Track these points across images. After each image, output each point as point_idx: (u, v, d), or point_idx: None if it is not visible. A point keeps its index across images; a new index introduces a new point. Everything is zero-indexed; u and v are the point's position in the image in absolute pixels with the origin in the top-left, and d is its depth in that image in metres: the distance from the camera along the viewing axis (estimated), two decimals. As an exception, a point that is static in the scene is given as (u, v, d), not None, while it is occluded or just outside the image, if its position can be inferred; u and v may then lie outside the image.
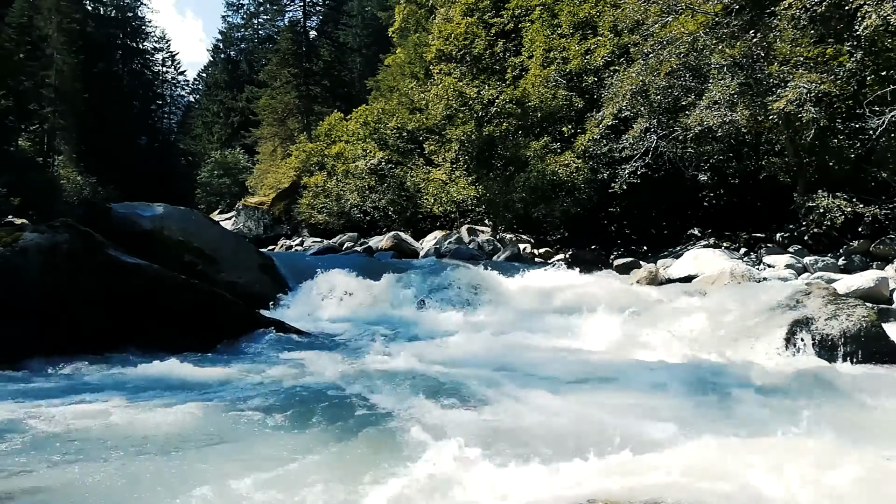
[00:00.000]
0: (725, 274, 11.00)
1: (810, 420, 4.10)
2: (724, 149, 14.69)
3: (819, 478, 3.31)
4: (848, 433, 4.23)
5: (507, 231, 18.95)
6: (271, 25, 54.04)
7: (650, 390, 5.57)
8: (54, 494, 3.38)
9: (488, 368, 6.25)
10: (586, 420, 4.68)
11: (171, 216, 11.03)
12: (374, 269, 12.19)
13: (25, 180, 20.38)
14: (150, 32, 54.02)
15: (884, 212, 11.88)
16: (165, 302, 7.21)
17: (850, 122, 12.18)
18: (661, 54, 13.81)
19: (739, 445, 3.90)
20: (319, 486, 3.44)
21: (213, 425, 4.47)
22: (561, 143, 17.29)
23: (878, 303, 9.05)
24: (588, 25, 17.77)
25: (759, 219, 14.48)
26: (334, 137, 26.66)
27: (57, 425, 4.37)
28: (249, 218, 32.30)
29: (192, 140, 52.40)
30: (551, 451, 3.94)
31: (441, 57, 21.54)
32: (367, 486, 3.45)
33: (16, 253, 6.55)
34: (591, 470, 3.45)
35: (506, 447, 4.04)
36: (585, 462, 3.51)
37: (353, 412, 4.84)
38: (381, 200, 22.61)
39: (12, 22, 26.33)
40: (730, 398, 5.30)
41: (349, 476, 3.59)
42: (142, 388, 5.44)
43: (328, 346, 7.64)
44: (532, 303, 10.32)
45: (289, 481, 3.52)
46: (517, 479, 3.43)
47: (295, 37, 41.20)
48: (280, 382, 5.64)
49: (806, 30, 12.09)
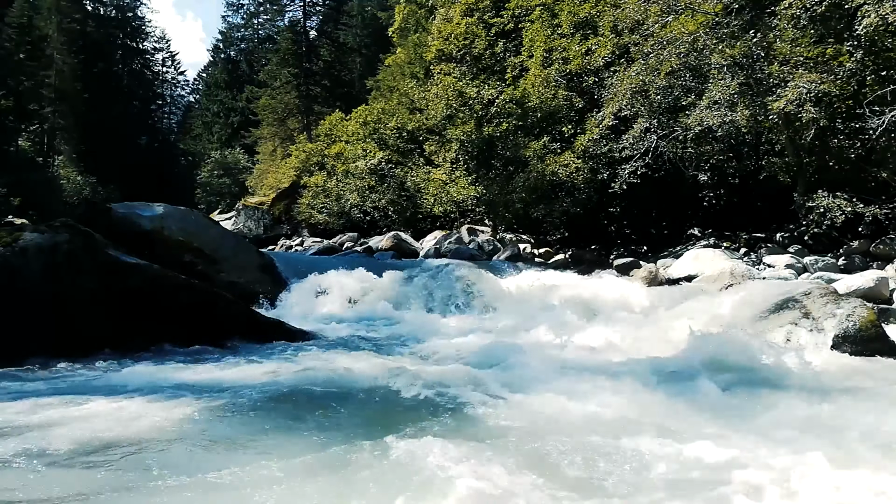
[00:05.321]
0: (725, 274, 11.00)
1: (811, 420, 4.11)
2: (724, 149, 14.68)
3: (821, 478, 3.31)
4: (848, 432, 4.24)
5: (507, 231, 18.94)
6: (271, 25, 54.01)
7: (649, 391, 5.57)
8: (54, 495, 3.38)
9: (489, 368, 6.24)
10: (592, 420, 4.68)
11: (171, 216, 11.02)
12: (375, 269, 12.19)
13: (25, 180, 20.37)
14: (150, 32, 53.99)
15: (884, 212, 11.87)
16: (165, 302, 7.21)
17: (850, 122, 12.16)
18: (661, 54, 13.80)
19: (736, 445, 3.90)
20: (320, 488, 3.44)
21: (213, 425, 4.47)
22: (561, 143, 17.27)
23: (878, 303, 9.05)
24: (588, 25, 17.75)
25: (759, 219, 14.46)
26: (334, 137, 26.64)
27: (56, 425, 4.37)
28: (249, 218, 32.28)
29: (192, 140, 52.34)
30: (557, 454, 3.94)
31: (441, 57, 21.53)
32: (368, 487, 3.45)
33: (16, 253, 6.55)
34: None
35: (512, 446, 4.04)
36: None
37: (353, 412, 4.84)
38: (381, 200, 22.59)
39: (12, 22, 26.30)
40: (730, 398, 5.30)
41: (350, 477, 3.59)
42: (141, 388, 5.43)
43: (328, 346, 7.63)
44: (532, 303, 10.32)
45: (289, 482, 3.52)
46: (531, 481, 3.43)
47: (295, 37, 41.17)
48: (280, 382, 5.64)
49: (806, 30, 12.08)
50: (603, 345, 7.57)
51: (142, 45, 52.97)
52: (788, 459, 3.72)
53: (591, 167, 16.40)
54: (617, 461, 3.84)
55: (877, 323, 7.12)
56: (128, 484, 3.50)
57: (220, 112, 49.94)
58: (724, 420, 4.69)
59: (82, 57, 35.93)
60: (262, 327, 7.92)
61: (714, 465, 3.77)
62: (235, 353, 7.12)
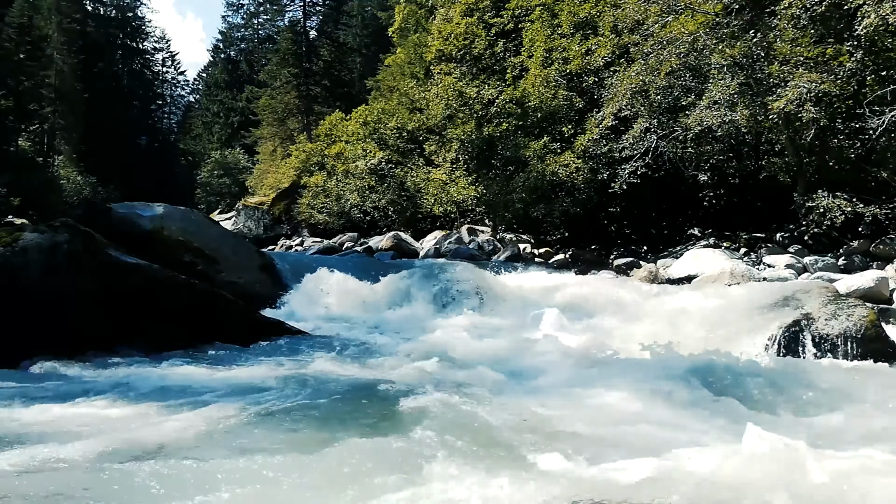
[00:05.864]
0: (725, 274, 11.00)
1: (810, 420, 4.11)
2: (724, 149, 14.68)
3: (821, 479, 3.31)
4: (848, 433, 4.24)
5: (507, 231, 18.94)
6: (271, 25, 54.04)
7: (648, 390, 5.57)
8: (54, 495, 3.38)
9: (490, 368, 6.24)
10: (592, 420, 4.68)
11: (171, 216, 11.02)
12: (375, 269, 12.19)
13: (25, 180, 20.37)
14: (150, 32, 54.16)
15: (884, 212, 11.88)
16: (165, 302, 7.20)
17: (850, 122, 12.17)
18: (661, 54, 13.80)
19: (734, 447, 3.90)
20: (320, 489, 3.44)
21: (212, 426, 4.47)
22: (561, 143, 17.28)
23: (878, 303, 9.05)
24: (588, 25, 17.75)
25: (759, 219, 14.46)
26: (334, 137, 26.64)
27: (56, 426, 4.38)
28: (249, 218, 32.29)
29: (192, 140, 52.35)
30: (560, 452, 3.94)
31: (441, 57, 21.54)
32: (369, 488, 3.45)
33: (16, 253, 6.55)
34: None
35: (515, 448, 4.04)
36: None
37: (353, 413, 4.83)
38: (381, 200, 22.60)
39: (12, 22, 26.31)
40: (730, 398, 5.30)
41: (351, 479, 3.58)
42: (141, 388, 5.43)
43: (328, 346, 7.63)
44: (531, 303, 10.32)
45: (288, 483, 3.52)
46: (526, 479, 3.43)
47: (295, 37, 41.17)
48: (280, 383, 5.64)
49: (806, 30, 12.08)
50: (603, 345, 7.57)
51: (142, 45, 53.07)
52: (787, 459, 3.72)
53: (591, 167, 16.41)
54: (617, 460, 3.83)
55: (877, 323, 7.12)
56: (127, 484, 3.50)
57: (220, 112, 49.96)
58: (724, 420, 4.69)
59: (82, 57, 35.94)
60: (262, 327, 7.92)
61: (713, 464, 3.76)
62: (235, 352, 7.12)
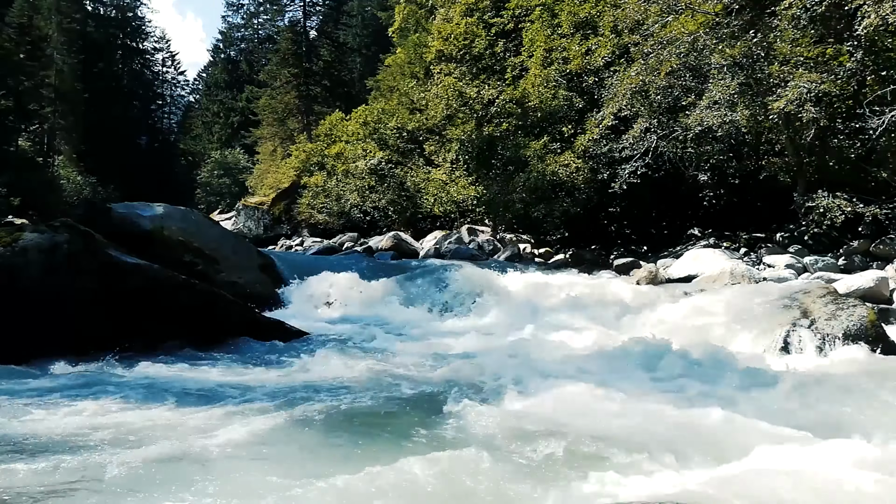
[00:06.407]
0: (725, 274, 11.00)
1: (809, 420, 4.11)
2: (724, 149, 14.67)
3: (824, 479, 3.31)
4: (847, 433, 4.24)
5: (507, 231, 18.94)
6: (271, 25, 54.01)
7: (647, 390, 5.58)
8: (54, 494, 3.38)
9: (491, 367, 6.24)
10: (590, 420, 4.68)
11: (171, 216, 11.03)
12: (374, 269, 12.19)
13: (25, 180, 20.37)
14: (150, 32, 54.12)
15: (884, 212, 11.87)
16: (165, 302, 7.20)
17: (850, 122, 12.16)
18: (661, 54, 13.79)
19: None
20: (321, 489, 3.43)
21: (211, 426, 4.47)
22: (561, 143, 17.28)
23: (878, 303, 9.04)
24: (588, 25, 17.74)
25: (759, 219, 14.46)
26: (334, 137, 26.63)
27: (56, 425, 4.38)
28: (249, 218, 32.28)
29: (192, 140, 52.32)
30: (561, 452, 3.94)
31: (441, 57, 21.51)
32: (369, 488, 3.44)
33: (16, 253, 6.55)
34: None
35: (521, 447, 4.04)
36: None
37: (353, 413, 4.83)
38: (381, 200, 22.59)
39: (12, 22, 26.30)
40: (730, 398, 5.30)
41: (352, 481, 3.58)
42: (141, 388, 5.44)
43: (328, 346, 7.63)
44: (532, 302, 10.32)
45: (288, 483, 3.51)
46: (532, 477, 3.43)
47: (295, 37, 41.13)
48: (280, 383, 5.65)
49: (806, 30, 12.07)
50: (602, 345, 7.57)
51: (142, 45, 53.04)
52: (787, 459, 3.72)
53: (591, 167, 16.41)
54: (615, 461, 3.84)
55: (877, 323, 7.12)
56: (126, 484, 3.50)
57: (220, 112, 49.93)
58: (722, 420, 4.69)
59: (82, 57, 35.94)
60: (261, 327, 7.92)
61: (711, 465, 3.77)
62: (235, 352, 7.12)
